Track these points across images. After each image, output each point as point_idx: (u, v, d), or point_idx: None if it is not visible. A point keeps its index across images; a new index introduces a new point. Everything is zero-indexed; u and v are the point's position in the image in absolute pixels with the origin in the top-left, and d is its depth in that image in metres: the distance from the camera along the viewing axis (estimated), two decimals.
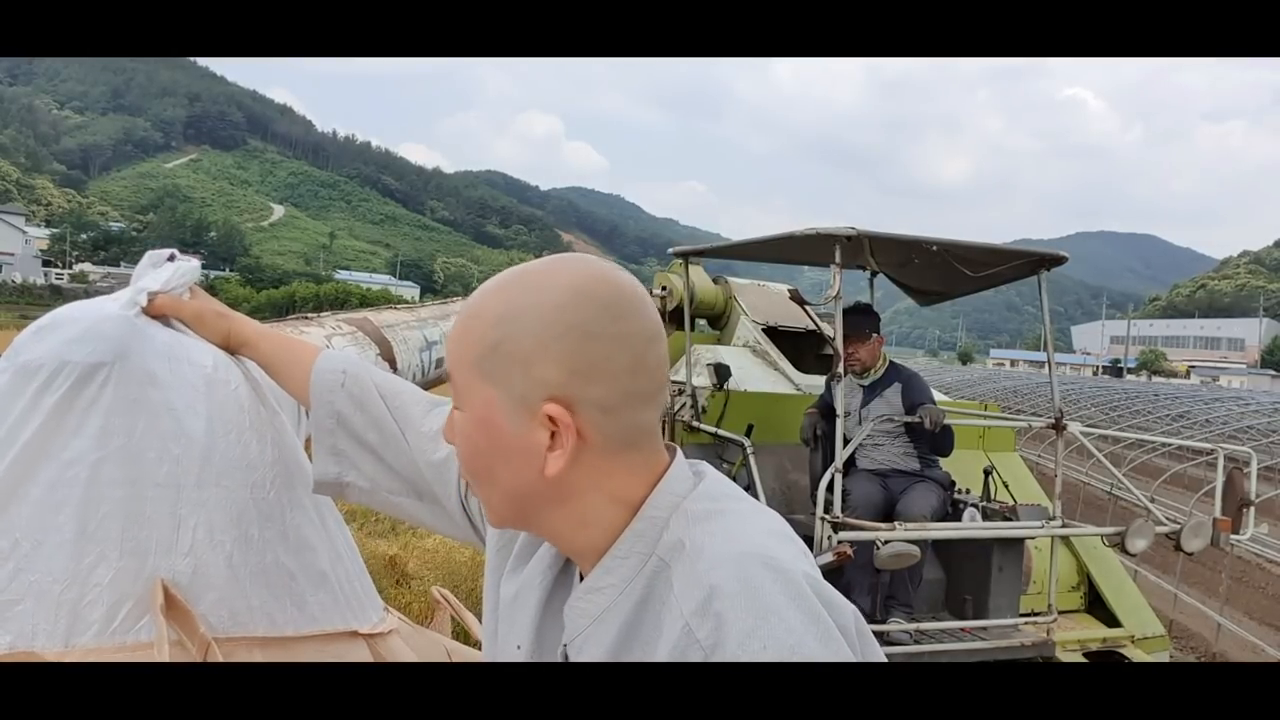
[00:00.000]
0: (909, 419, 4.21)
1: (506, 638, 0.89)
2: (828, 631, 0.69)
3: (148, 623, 1.11)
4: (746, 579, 0.70)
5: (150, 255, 1.26)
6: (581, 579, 0.82)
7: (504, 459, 0.78)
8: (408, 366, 2.39)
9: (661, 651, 0.71)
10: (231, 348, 1.27)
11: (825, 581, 0.75)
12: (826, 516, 3.55)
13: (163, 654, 1.07)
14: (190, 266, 1.27)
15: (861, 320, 4.41)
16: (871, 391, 4.45)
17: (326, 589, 1.30)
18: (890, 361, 4.57)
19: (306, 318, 1.99)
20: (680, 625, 0.70)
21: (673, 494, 0.79)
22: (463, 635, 1.92)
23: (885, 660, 0.79)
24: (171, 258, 1.26)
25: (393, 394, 1.14)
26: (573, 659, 0.80)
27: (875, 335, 4.48)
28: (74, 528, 1.09)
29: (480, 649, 1.47)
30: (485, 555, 0.99)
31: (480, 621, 1.79)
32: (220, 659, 1.11)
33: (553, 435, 0.76)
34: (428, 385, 2.55)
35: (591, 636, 0.78)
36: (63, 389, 1.12)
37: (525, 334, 0.76)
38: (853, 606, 0.77)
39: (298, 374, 1.19)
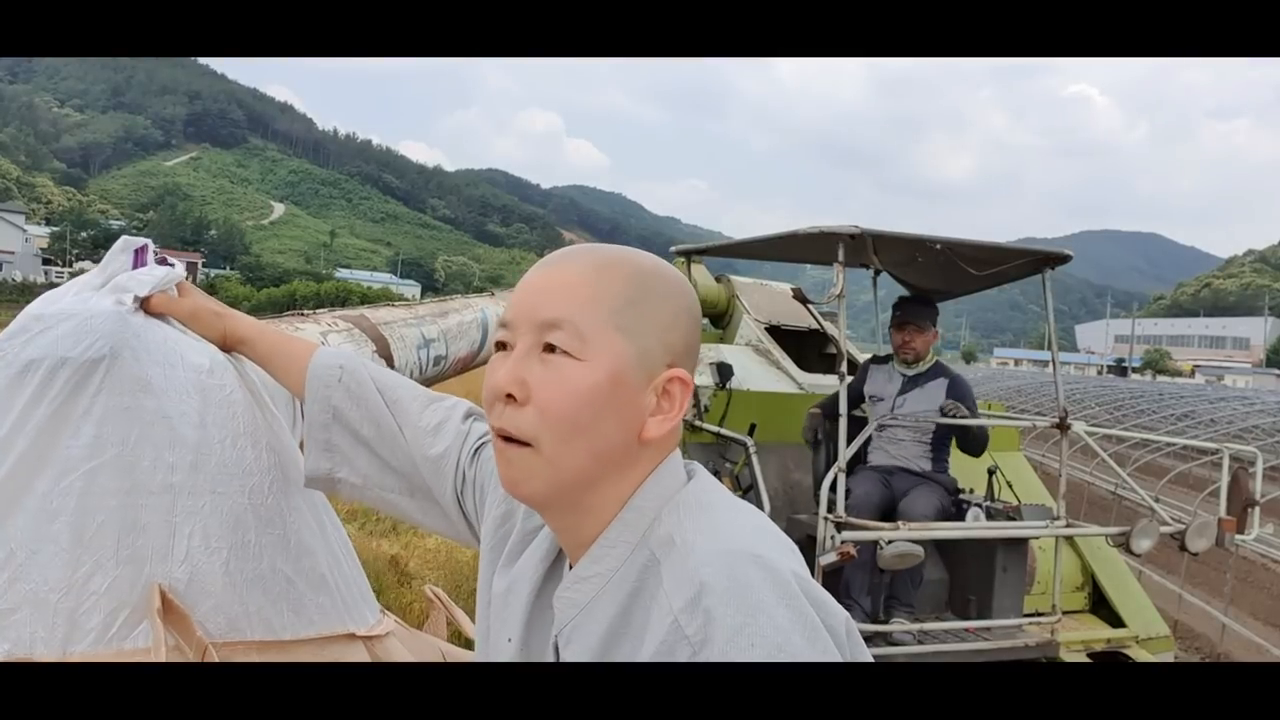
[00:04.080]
0: (942, 419, 4.20)
1: (499, 632, 0.90)
2: (815, 630, 0.70)
3: (144, 629, 1.10)
4: (736, 576, 0.70)
5: (124, 240, 1.25)
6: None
7: (615, 413, 0.78)
8: (405, 364, 2.38)
9: (650, 645, 0.72)
10: (228, 346, 1.26)
11: (815, 581, 0.76)
12: (830, 516, 3.55)
13: (159, 659, 1.06)
14: (176, 273, 1.26)
15: (925, 310, 4.44)
16: (913, 383, 4.41)
17: (324, 592, 1.30)
18: (937, 360, 4.55)
19: (302, 314, 1.98)
20: (669, 620, 0.70)
21: (664, 487, 0.81)
22: (457, 634, 1.92)
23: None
24: (144, 248, 1.25)
25: (390, 389, 1.14)
26: (562, 649, 0.81)
27: (933, 328, 4.49)
28: (70, 536, 1.09)
29: (472, 647, 1.47)
30: (480, 552, 0.99)
31: (472, 618, 1.79)
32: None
33: (658, 401, 0.80)
34: (425, 383, 2.55)
35: (581, 627, 0.79)
36: (63, 391, 1.11)
37: (664, 298, 0.81)
38: (844, 611, 0.77)
39: (295, 371, 1.19)
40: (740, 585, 0.70)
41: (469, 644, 1.78)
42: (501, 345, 0.82)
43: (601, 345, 0.78)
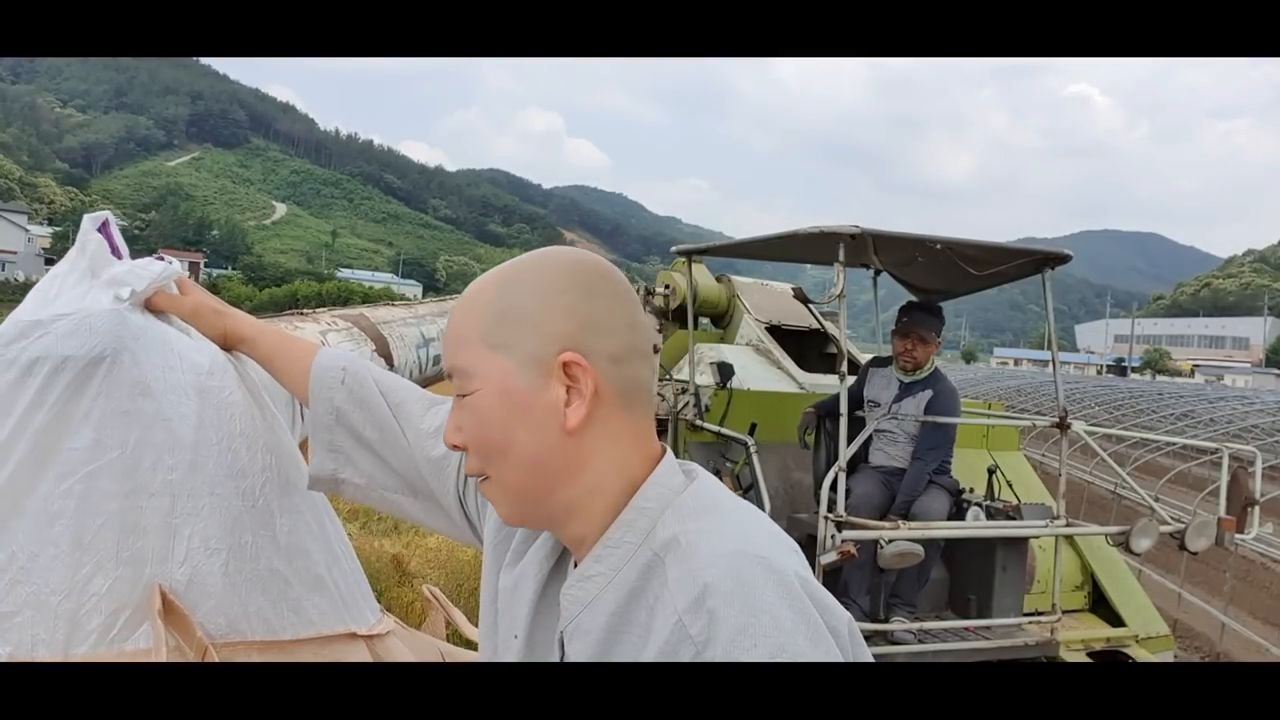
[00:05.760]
0: (930, 418, 4.20)
1: (507, 629, 0.91)
2: (818, 631, 0.70)
3: (145, 630, 1.10)
4: (740, 577, 0.71)
5: (88, 220, 1.24)
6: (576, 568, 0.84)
7: (523, 422, 0.80)
8: (404, 363, 2.38)
9: (654, 645, 0.72)
10: (229, 344, 1.26)
11: (818, 583, 0.76)
12: (830, 515, 3.55)
13: (160, 659, 1.06)
14: (174, 269, 1.26)
15: (931, 321, 4.42)
16: (908, 390, 4.40)
17: (323, 593, 1.30)
18: (935, 369, 4.54)
19: (302, 313, 1.98)
20: (673, 621, 0.71)
21: (665, 488, 0.81)
22: (456, 634, 1.93)
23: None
24: (105, 223, 1.25)
25: (392, 391, 1.15)
26: (567, 645, 0.81)
27: (937, 339, 4.47)
28: (70, 539, 1.09)
29: (470, 647, 1.47)
30: (483, 550, 1.00)
31: (469, 619, 1.79)
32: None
33: (569, 390, 0.80)
34: (425, 382, 2.55)
35: (584, 624, 0.80)
36: (64, 394, 1.11)
37: (530, 295, 0.81)
38: (846, 612, 0.77)
39: (296, 372, 1.19)
40: (744, 586, 0.70)
41: (467, 644, 1.79)
42: None
43: (481, 370, 0.82)
